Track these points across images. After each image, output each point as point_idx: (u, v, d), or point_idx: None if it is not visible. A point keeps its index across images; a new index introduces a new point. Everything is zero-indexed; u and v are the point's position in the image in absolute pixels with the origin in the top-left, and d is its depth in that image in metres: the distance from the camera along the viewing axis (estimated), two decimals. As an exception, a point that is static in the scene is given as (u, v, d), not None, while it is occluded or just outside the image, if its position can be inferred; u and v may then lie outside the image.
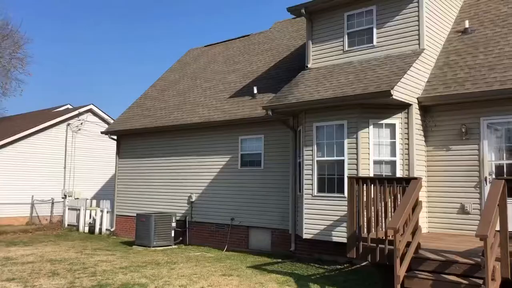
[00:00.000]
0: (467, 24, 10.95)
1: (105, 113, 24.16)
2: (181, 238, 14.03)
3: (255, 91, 13.44)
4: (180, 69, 19.34)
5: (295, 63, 14.15)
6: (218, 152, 13.56)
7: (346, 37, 11.02)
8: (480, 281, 6.08)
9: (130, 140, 16.48)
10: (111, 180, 22.42)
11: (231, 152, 13.23)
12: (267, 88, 13.52)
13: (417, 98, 9.64)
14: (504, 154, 9.02)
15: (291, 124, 11.54)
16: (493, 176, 8.94)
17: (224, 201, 13.24)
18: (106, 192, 22.75)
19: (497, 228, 6.26)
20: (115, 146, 17.06)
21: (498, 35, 10.22)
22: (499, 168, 9.03)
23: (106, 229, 16.91)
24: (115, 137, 16.94)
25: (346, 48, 11.00)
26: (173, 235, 13.52)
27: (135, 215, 14.30)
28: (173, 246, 13.42)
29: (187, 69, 18.83)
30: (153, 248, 12.97)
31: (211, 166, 13.70)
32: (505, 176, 8.80)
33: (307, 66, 11.70)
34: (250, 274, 8.92)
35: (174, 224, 13.59)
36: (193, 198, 13.96)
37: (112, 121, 21.92)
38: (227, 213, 13.14)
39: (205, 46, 20.59)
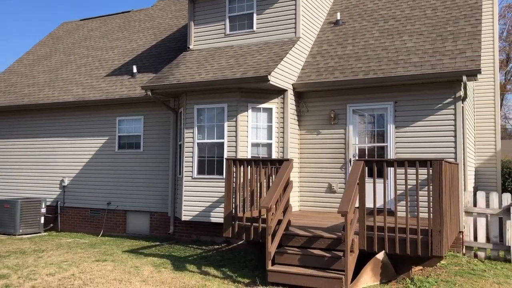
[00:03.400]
0: (338, 16, 11.74)
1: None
2: (52, 225, 13.14)
3: (135, 70, 12.95)
4: (52, 43, 17.83)
5: (177, 43, 13.91)
6: (94, 133, 12.86)
7: (227, 20, 11.10)
8: (341, 253, 6.67)
9: (-8, 118, 14.85)
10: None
11: (108, 133, 12.63)
12: (148, 67, 13.13)
13: (292, 84, 10.12)
14: (366, 138, 9.94)
15: (172, 105, 11.36)
16: (357, 158, 9.80)
17: (100, 185, 12.64)
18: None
19: (357, 205, 6.90)
20: (-26, 125, 15.27)
21: (365, 28, 11.13)
22: (362, 151, 9.93)
23: (-37, 218, 15.14)
24: (-27, 115, 15.13)
25: (228, 31, 11.10)
26: (42, 221, 12.61)
27: (-3, 201, 13.02)
28: (43, 234, 12.52)
29: (59, 44, 17.43)
30: (19, 236, 11.98)
31: (86, 148, 12.95)
32: (366, 157, 9.70)
33: (189, 47, 11.57)
34: (126, 259, 8.69)
35: (43, 210, 12.66)
36: (66, 182, 13.11)
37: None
38: (103, 197, 12.58)
39: (80, 20, 19.23)
